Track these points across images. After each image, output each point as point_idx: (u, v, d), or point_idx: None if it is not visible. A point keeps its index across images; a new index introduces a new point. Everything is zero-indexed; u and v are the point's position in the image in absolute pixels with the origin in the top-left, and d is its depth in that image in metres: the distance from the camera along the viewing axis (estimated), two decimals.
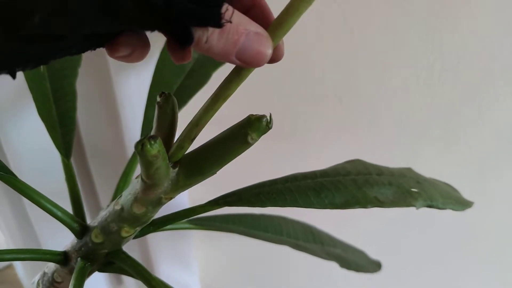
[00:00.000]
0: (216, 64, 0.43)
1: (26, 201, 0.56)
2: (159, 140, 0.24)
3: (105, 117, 0.51)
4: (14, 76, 0.19)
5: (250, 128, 0.26)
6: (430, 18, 0.51)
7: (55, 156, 0.37)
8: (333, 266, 0.48)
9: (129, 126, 0.49)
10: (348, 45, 0.54)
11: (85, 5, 0.16)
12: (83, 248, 0.33)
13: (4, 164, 0.31)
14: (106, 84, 0.48)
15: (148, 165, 0.24)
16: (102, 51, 0.21)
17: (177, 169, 0.28)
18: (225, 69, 0.45)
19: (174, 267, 0.69)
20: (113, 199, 0.36)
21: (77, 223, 0.33)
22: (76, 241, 0.33)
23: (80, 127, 0.52)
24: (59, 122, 0.38)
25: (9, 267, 0.91)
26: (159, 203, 0.29)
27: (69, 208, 0.35)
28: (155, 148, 0.23)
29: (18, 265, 0.72)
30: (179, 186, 0.28)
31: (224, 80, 0.24)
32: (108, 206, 0.32)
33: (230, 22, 0.19)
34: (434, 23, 0.52)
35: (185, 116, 0.31)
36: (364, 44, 0.54)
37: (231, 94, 0.24)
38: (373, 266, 0.55)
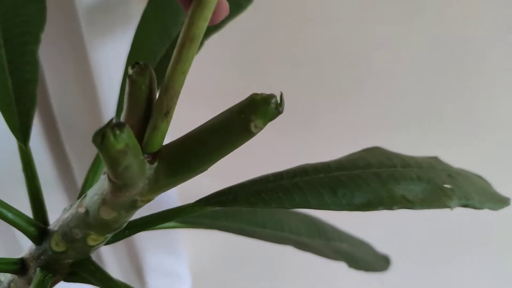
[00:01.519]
0: (209, 29, 0.36)
1: None
2: (127, 129, 0.17)
3: (79, 91, 0.44)
4: None
5: (254, 112, 0.19)
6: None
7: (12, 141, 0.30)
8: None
9: (107, 101, 0.42)
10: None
11: None
12: (42, 257, 0.26)
13: None
14: (79, 52, 0.41)
15: (113, 163, 0.18)
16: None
17: (155, 164, 0.21)
18: (220, 36, 0.38)
19: (162, 255, 0.63)
20: (79, 196, 0.29)
21: (34, 226, 0.26)
22: (34, 248, 0.27)
23: (52, 104, 0.45)
24: (16, 99, 0.31)
25: None
26: (133, 206, 0.23)
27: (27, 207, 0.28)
28: (122, 140, 0.17)
29: None
30: (159, 186, 0.22)
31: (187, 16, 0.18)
32: (71, 206, 0.26)
33: None
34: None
35: None
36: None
37: (200, 34, 0.18)
38: (381, 263, 0.49)
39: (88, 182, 0.29)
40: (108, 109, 0.44)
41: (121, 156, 0.17)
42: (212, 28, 0.35)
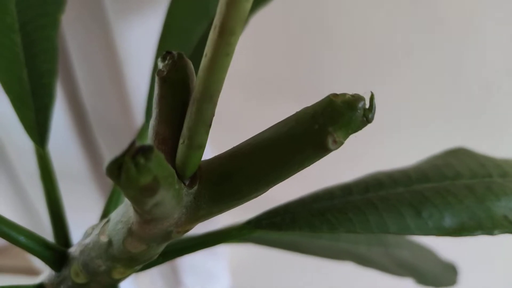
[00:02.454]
0: (254, 3, 0.30)
1: None
2: (155, 156, 0.11)
3: (107, 79, 0.39)
4: None
5: (333, 122, 0.14)
6: None
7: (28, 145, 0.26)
8: None
9: (137, 89, 0.37)
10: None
11: None
12: (62, 286, 0.22)
13: None
14: (104, 35, 0.35)
15: (138, 202, 0.13)
16: None
17: (195, 187, 0.16)
18: (265, 13, 0.31)
19: (199, 253, 0.59)
20: (102, 215, 0.25)
21: (50, 250, 0.22)
22: (53, 274, 0.23)
23: (80, 96, 0.40)
24: (32, 93, 0.27)
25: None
26: (167, 238, 0.18)
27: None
28: (148, 172, 0.11)
29: None
30: (200, 215, 0.16)
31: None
32: (93, 228, 0.21)
33: None
34: None
35: None
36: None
37: (242, 22, 0.11)
38: (449, 274, 0.43)
39: (114, 196, 0.25)
40: (139, 98, 0.40)
41: (148, 194, 0.12)
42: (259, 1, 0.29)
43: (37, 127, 0.26)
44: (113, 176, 0.11)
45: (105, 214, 0.24)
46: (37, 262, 0.62)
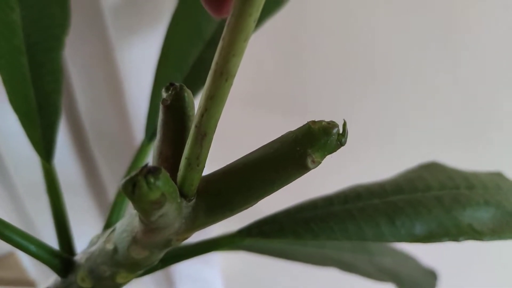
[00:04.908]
0: None
1: None
2: (162, 175, 0.14)
3: (106, 96, 0.41)
4: None
5: (312, 145, 0.16)
6: None
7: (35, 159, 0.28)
8: None
9: (136, 107, 0.39)
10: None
11: None
12: None
13: None
14: (105, 55, 0.38)
15: (147, 213, 0.15)
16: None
17: (193, 201, 0.18)
18: (257, 37, 0.34)
19: (193, 260, 0.61)
20: (107, 224, 0.27)
21: (58, 258, 0.24)
22: (60, 279, 0.25)
23: (79, 114, 0.43)
24: (39, 111, 0.29)
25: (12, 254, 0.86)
26: (167, 245, 0.20)
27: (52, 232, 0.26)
28: (157, 189, 0.14)
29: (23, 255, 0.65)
30: (197, 224, 0.19)
31: (223, 42, 0.13)
32: (98, 237, 0.23)
33: None
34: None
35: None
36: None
37: (239, 64, 0.14)
38: (428, 279, 0.45)
39: (116, 208, 0.27)
40: (138, 116, 0.42)
41: (156, 206, 0.14)
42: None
43: (44, 144, 0.28)
44: (128, 192, 0.13)
45: (108, 224, 0.26)
46: (32, 274, 0.63)
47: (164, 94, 0.17)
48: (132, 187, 0.13)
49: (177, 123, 0.17)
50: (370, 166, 0.46)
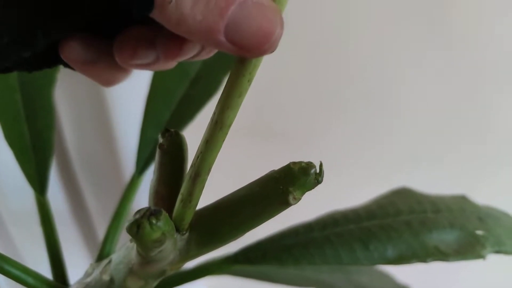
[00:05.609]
0: (228, 68, 0.35)
1: None
2: (163, 217, 0.16)
3: (95, 133, 0.43)
4: None
5: (292, 184, 0.18)
6: None
7: (28, 192, 0.29)
8: None
9: (124, 143, 0.41)
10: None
11: None
12: None
13: None
14: (95, 93, 0.39)
15: (148, 250, 0.17)
16: None
17: (186, 234, 0.20)
18: None
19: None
20: (100, 254, 0.28)
21: None
22: None
23: (68, 149, 0.44)
24: (32, 147, 0.30)
25: None
26: (161, 275, 0.21)
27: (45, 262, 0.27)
28: (158, 229, 0.16)
29: None
30: (189, 256, 0.21)
31: (223, 93, 0.16)
32: (93, 269, 0.24)
33: None
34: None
35: (191, 136, 0.23)
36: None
37: (236, 113, 0.16)
38: None
39: (109, 239, 0.28)
40: (127, 150, 0.43)
41: (158, 245, 0.16)
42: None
43: (38, 178, 0.29)
44: (132, 233, 0.15)
45: (100, 256, 0.28)
46: None
47: (160, 139, 0.19)
48: (137, 229, 0.15)
49: (172, 165, 0.19)
50: (345, 191, 0.49)
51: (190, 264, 0.28)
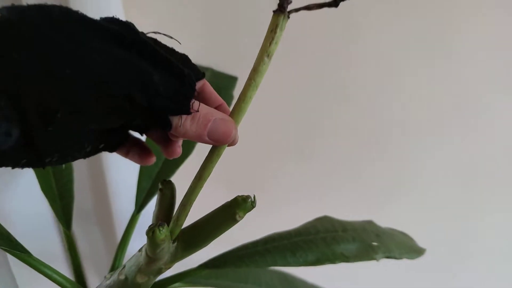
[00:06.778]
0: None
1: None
2: (166, 227, 0.29)
3: (92, 183, 0.55)
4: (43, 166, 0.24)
5: (238, 208, 0.31)
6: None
7: (50, 223, 0.41)
8: None
9: (116, 192, 0.54)
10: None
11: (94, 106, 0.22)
12: None
13: (19, 242, 0.35)
14: (95, 166, 0.53)
15: (156, 247, 0.29)
16: None
17: (175, 243, 0.33)
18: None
19: None
20: (111, 269, 0.40)
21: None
22: None
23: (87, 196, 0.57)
24: (59, 196, 0.43)
25: None
26: (159, 272, 0.34)
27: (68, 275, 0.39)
28: (163, 233, 0.29)
29: None
30: (177, 257, 0.33)
31: (204, 161, 0.30)
32: (111, 275, 0.36)
33: (197, 111, 0.26)
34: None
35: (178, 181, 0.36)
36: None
37: (211, 172, 0.30)
38: None
39: (118, 256, 0.40)
40: (116, 200, 0.56)
41: (162, 242, 0.29)
42: None
43: (64, 217, 0.41)
44: (149, 235, 0.28)
45: (112, 267, 0.39)
46: None
47: (160, 186, 0.32)
48: (152, 232, 0.28)
49: (167, 201, 0.32)
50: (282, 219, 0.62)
51: (177, 270, 0.40)
